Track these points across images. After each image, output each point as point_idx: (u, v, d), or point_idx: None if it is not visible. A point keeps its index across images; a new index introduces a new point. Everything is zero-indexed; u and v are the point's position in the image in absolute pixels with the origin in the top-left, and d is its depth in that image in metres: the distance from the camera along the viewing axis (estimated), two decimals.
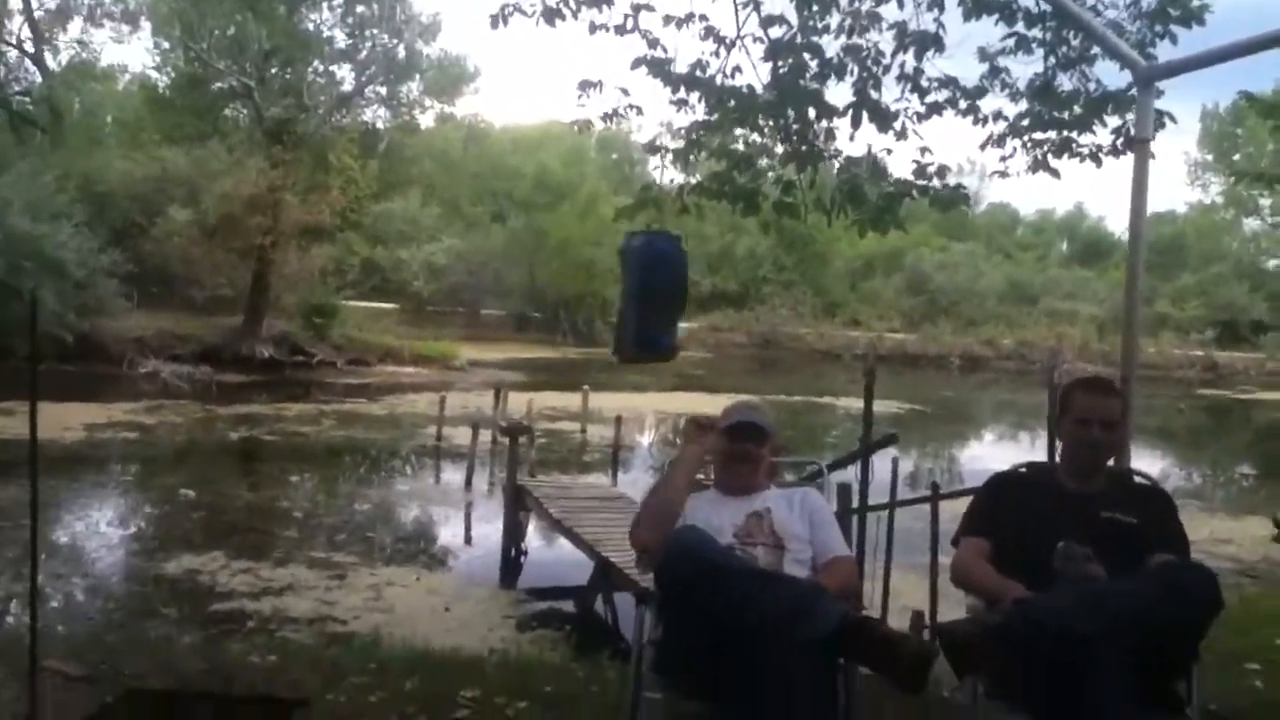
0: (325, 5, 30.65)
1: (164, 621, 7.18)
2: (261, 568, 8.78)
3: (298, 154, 27.26)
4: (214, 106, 31.67)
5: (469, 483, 13.15)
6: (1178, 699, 2.46)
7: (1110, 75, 5.37)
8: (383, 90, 33.59)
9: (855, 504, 4.55)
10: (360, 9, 30.42)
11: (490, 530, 10.50)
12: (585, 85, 5.52)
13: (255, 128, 28.68)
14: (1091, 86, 5.49)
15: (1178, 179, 55.19)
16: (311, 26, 30.36)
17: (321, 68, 31.12)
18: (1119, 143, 5.39)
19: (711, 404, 20.67)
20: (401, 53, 31.77)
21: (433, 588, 8.52)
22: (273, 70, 29.17)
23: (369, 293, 36.18)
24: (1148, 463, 16.97)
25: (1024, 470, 3.08)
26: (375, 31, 30.67)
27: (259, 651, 4.46)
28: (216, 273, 26.91)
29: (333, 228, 29.98)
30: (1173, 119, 5.20)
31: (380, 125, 37.57)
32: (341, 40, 31.02)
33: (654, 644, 2.71)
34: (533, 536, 10.36)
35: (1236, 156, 42.96)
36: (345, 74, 31.59)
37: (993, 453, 19.13)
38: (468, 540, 10.89)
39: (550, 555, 9.89)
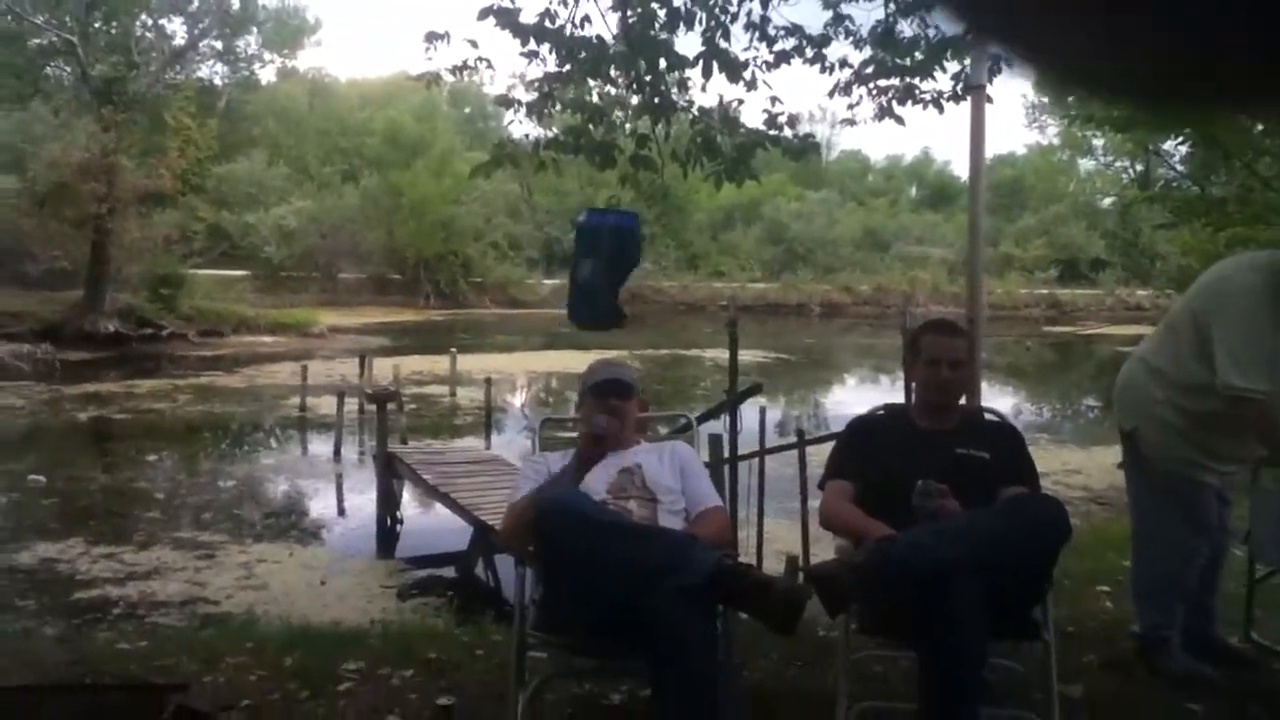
0: None
1: (23, 615, 6.84)
2: (124, 552, 8.43)
3: (130, 115, 25.73)
4: (34, 65, 29.58)
5: (338, 453, 12.87)
6: (1035, 625, 2.62)
7: (949, 22, 5.52)
8: (218, 44, 32.17)
9: (726, 454, 4.68)
10: None
11: (363, 501, 10.33)
12: (432, 37, 5.37)
13: (82, 87, 26.91)
14: (931, 32, 5.63)
15: (1017, 121, 57.59)
16: None
17: (150, 21, 29.42)
18: (959, 88, 5.56)
19: (581, 361, 20.70)
20: (235, 3, 30.34)
21: (307, 562, 8.35)
22: (96, 24, 27.42)
23: (218, 260, 34.56)
24: (1000, 399, 17.90)
25: (881, 413, 3.21)
26: None
27: (128, 639, 4.31)
28: (51, 245, 25.14)
29: (174, 192, 28.45)
30: (1008, 64, 5.40)
31: (218, 82, 36.01)
32: None
33: (536, 603, 2.75)
34: (408, 504, 10.24)
35: (1070, 99, 44.93)
36: (176, 27, 30.04)
37: (856, 397, 19.68)
38: (340, 512, 10.67)
39: (427, 523, 9.78)
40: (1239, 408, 2.98)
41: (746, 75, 5.50)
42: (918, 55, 5.69)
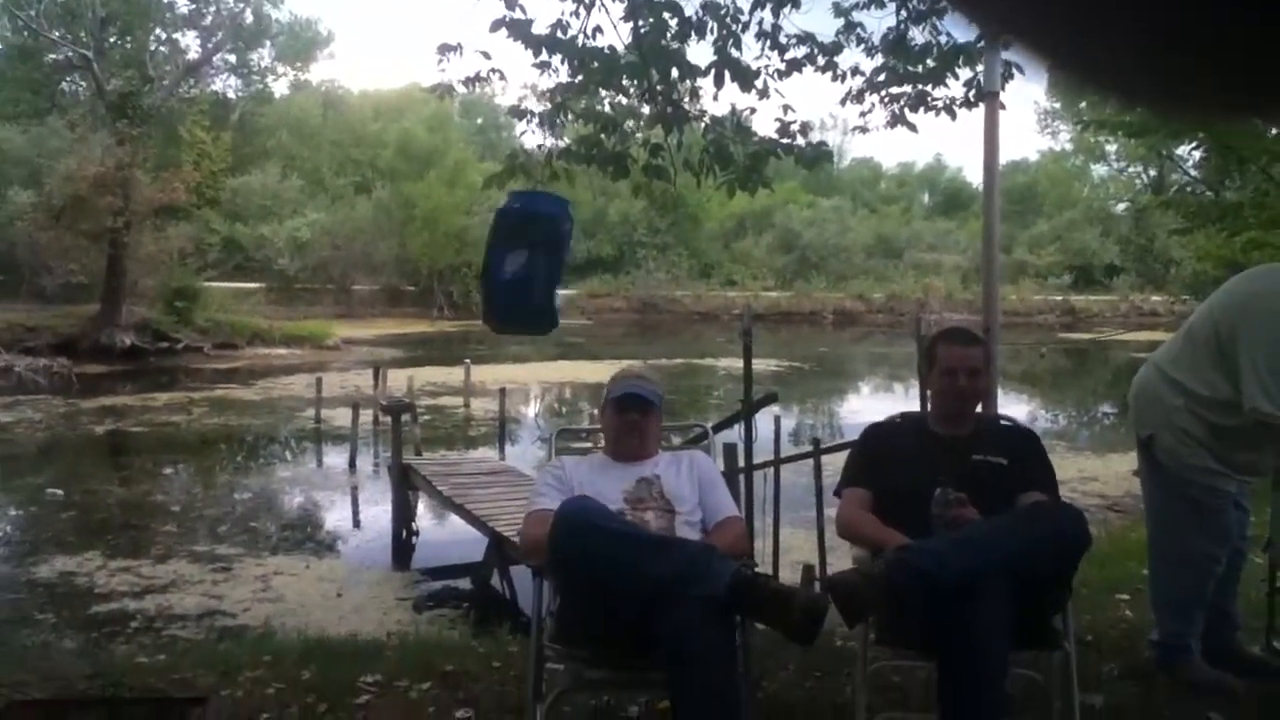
0: None
1: (41, 628, 6.88)
2: (141, 565, 8.47)
3: (145, 129, 25.92)
4: (50, 80, 29.84)
5: (353, 465, 12.90)
6: (1055, 634, 2.59)
7: (960, 28, 5.54)
8: (232, 58, 32.28)
9: (741, 463, 4.68)
10: None
11: (379, 512, 10.34)
12: (444, 49, 5.39)
13: (97, 101, 27.10)
14: (943, 39, 5.62)
15: (1029, 127, 57.40)
16: None
17: (164, 35, 29.58)
18: (971, 95, 5.55)
19: (594, 371, 20.79)
20: (249, 17, 30.44)
21: (323, 574, 8.37)
22: (112, 39, 27.62)
23: (232, 272, 34.75)
24: (1014, 407, 17.82)
25: (898, 420, 3.19)
26: None
27: (146, 652, 4.33)
28: (67, 258, 25.36)
29: (188, 205, 28.65)
30: (1020, 70, 5.38)
31: (232, 95, 36.19)
32: (184, 5, 29.56)
33: (553, 615, 2.74)
34: (423, 516, 10.25)
35: (1083, 104, 44.66)
36: (190, 41, 30.13)
37: (870, 405, 19.60)
38: (356, 524, 10.68)
39: (442, 534, 9.79)
40: (1264, 431, 2.98)
41: (758, 84, 5.50)
42: (929, 62, 5.68)
